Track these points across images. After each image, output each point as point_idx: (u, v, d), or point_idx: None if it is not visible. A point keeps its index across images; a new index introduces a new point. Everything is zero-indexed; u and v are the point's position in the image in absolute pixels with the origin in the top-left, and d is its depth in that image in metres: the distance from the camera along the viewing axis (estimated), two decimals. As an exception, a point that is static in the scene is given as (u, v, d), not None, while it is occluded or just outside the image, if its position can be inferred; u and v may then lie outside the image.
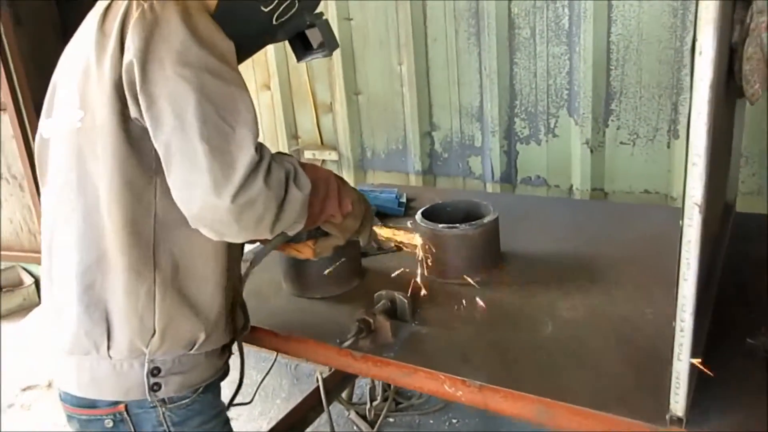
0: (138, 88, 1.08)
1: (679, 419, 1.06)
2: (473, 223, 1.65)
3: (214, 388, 1.34)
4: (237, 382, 1.51)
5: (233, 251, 1.31)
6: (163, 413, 1.25)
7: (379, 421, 2.68)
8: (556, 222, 2.03)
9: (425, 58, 2.52)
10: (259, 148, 1.11)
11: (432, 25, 2.47)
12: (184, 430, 1.28)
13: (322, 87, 2.80)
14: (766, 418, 1.08)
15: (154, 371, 1.22)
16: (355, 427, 2.74)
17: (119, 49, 1.10)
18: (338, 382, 2.53)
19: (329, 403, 2.38)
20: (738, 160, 1.78)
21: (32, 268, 4.55)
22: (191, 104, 1.07)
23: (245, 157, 1.07)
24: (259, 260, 1.42)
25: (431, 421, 2.76)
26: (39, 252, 1.38)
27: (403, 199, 2.22)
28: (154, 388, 1.22)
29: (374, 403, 2.75)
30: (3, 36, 3.95)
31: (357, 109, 2.75)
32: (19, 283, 4.49)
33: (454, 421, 2.75)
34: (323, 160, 2.88)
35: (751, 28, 1.31)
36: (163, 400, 1.24)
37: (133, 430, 1.26)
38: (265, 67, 2.87)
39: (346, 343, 1.39)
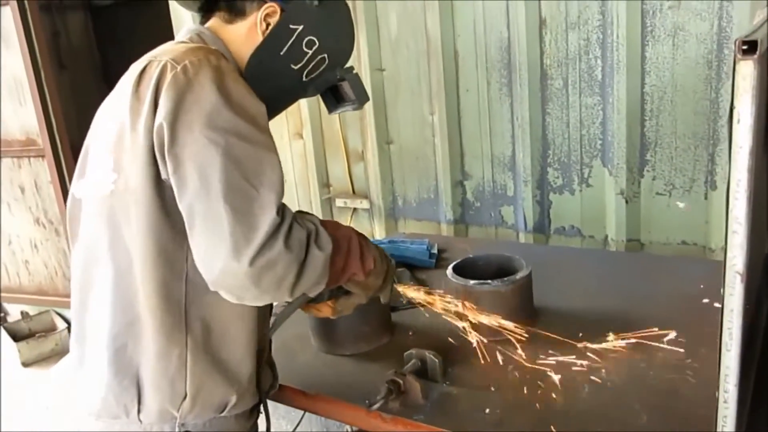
0: (166, 149, 1.10)
1: (725, 493, 1.01)
2: (505, 279, 1.62)
3: None
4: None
5: (262, 311, 1.30)
6: None
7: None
8: (591, 275, 1.99)
9: (457, 108, 2.54)
10: (282, 209, 1.12)
11: (464, 76, 2.49)
12: None
13: (354, 136, 2.83)
14: None
15: None
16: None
17: (152, 112, 1.12)
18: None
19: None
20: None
21: (66, 312, 4.55)
22: (217, 167, 1.08)
23: (267, 219, 1.08)
24: (280, 323, 1.41)
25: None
26: None
27: (435, 250, 2.20)
28: None
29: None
30: (44, 82, 4.04)
31: (388, 158, 2.76)
32: (52, 328, 4.52)
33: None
34: (354, 209, 2.90)
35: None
36: None
37: None
38: (298, 116, 2.91)
39: (375, 406, 1.36)
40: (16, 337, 4.37)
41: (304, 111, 2.88)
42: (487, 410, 1.34)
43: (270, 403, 1.45)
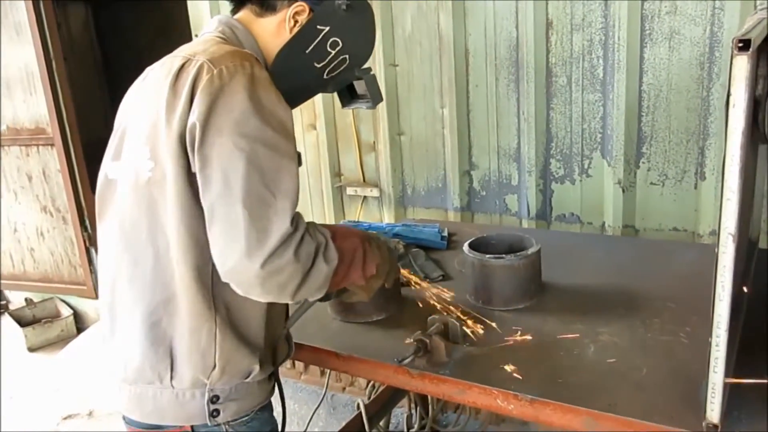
0: (196, 148, 1.18)
1: (715, 426, 1.17)
2: (519, 254, 1.77)
3: (268, 407, 1.45)
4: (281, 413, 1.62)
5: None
6: (226, 430, 1.34)
7: (414, 448, 2.78)
8: (591, 256, 2.14)
9: (466, 103, 2.66)
10: (296, 219, 1.20)
11: (474, 73, 2.61)
12: None
13: (366, 128, 2.94)
14: None
15: (214, 399, 1.31)
16: (392, 455, 2.84)
17: (187, 110, 1.20)
18: (376, 411, 2.62)
19: (371, 428, 2.49)
20: (761, 201, 1.91)
21: (71, 300, 4.61)
22: (240, 172, 1.15)
23: (281, 227, 1.16)
24: (294, 321, 1.51)
25: (466, 452, 2.85)
26: (80, 284, 1.51)
27: (445, 234, 2.36)
28: (214, 414, 1.31)
29: (411, 431, 2.85)
30: (55, 72, 4.13)
31: (399, 149, 2.87)
32: (57, 315, 4.57)
33: (488, 451, 2.83)
34: (365, 197, 3.02)
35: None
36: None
37: None
38: (312, 108, 3.01)
39: (405, 361, 1.48)
40: (21, 323, 4.43)
41: (318, 104, 2.97)
42: (505, 366, 1.47)
43: (292, 386, 1.55)
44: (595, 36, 2.33)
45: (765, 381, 1.26)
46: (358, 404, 2.51)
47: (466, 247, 1.86)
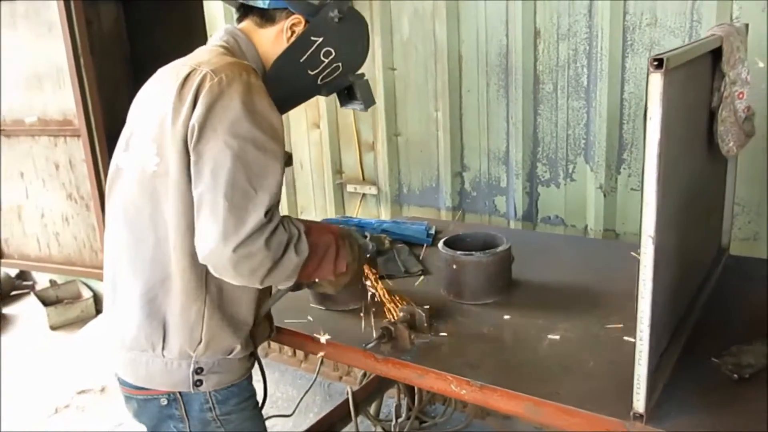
0: (192, 145, 1.31)
1: (641, 415, 1.26)
2: (487, 251, 1.88)
3: (247, 378, 1.59)
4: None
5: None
6: (210, 394, 1.49)
7: (401, 436, 2.90)
8: (569, 257, 2.22)
9: (459, 106, 2.74)
10: (271, 211, 1.31)
11: (466, 78, 2.70)
12: (225, 407, 1.51)
13: (365, 128, 3.05)
14: (718, 419, 1.27)
15: (198, 370, 1.45)
16: (380, 442, 2.96)
17: (190, 114, 1.32)
18: (365, 398, 2.75)
19: (357, 414, 2.61)
20: (731, 209, 1.98)
21: (92, 282, 4.83)
22: (226, 167, 1.28)
23: (255, 217, 1.27)
24: (273, 303, 1.61)
25: (451, 441, 2.96)
26: (100, 268, 1.63)
27: (432, 231, 2.46)
28: (197, 383, 1.46)
29: (399, 420, 2.97)
30: (83, 68, 4.27)
31: (396, 149, 2.98)
32: (78, 296, 4.81)
33: (473, 441, 2.94)
34: (363, 194, 3.13)
35: (725, 95, 1.55)
36: None
37: (183, 408, 1.49)
38: (316, 109, 3.13)
39: (369, 345, 1.61)
40: (45, 303, 4.65)
41: (322, 103, 3.09)
42: (464, 356, 1.59)
43: (279, 371, 1.65)
44: (580, 45, 2.41)
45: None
46: (348, 391, 2.64)
47: (440, 244, 1.97)
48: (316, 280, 1.56)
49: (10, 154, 4.69)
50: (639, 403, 1.27)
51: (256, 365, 1.67)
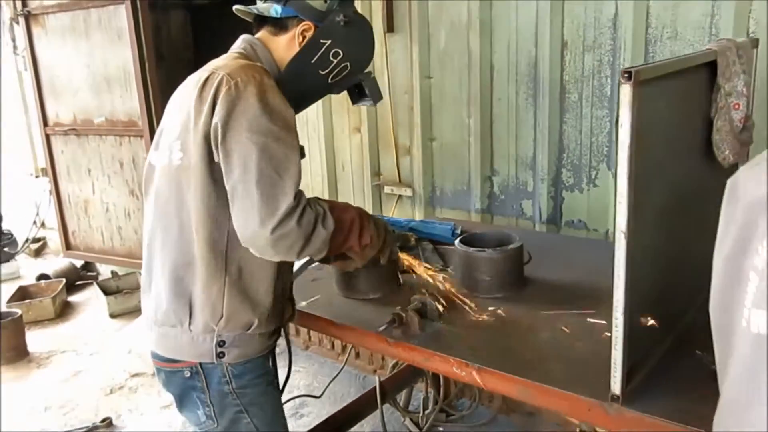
0: (219, 143, 1.46)
1: (617, 397, 1.37)
2: (498, 248, 2.00)
3: (266, 357, 1.73)
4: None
5: (283, 263, 1.66)
6: (227, 368, 1.63)
7: (423, 428, 3.02)
8: (586, 259, 2.28)
9: (490, 114, 2.86)
10: (298, 195, 1.47)
11: (497, 87, 2.82)
12: (240, 381, 1.65)
13: (403, 133, 3.19)
14: (691, 405, 1.35)
15: (221, 343, 1.60)
16: (407, 432, 3.10)
17: (210, 113, 1.48)
18: (393, 387, 2.90)
19: (383, 401, 2.76)
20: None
21: (151, 275, 5.12)
22: (254, 161, 1.43)
23: (286, 201, 1.44)
24: (299, 273, 1.80)
25: (476, 435, 3.07)
26: None
27: (458, 231, 2.58)
28: (220, 355, 1.61)
29: (426, 412, 3.10)
30: (147, 73, 4.48)
31: (431, 154, 3.11)
32: (137, 287, 4.99)
33: (497, 436, 3.04)
34: (399, 195, 3.27)
35: (720, 106, 1.64)
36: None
37: (204, 379, 1.64)
38: (358, 115, 3.30)
39: (381, 329, 1.75)
40: (106, 292, 4.92)
41: (363, 111, 3.26)
42: (467, 343, 1.71)
43: (318, 362, 1.79)
44: (604, 57, 2.50)
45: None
46: (376, 379, 2.80)
47: (457, 241, 2.10)
48: (346, 252, 1.72)
49: (80, 152, 4.98)
50: (615, 385, 1.38)
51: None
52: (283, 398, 1.89)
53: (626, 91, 1.21)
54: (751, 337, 0.81)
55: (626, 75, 1.21)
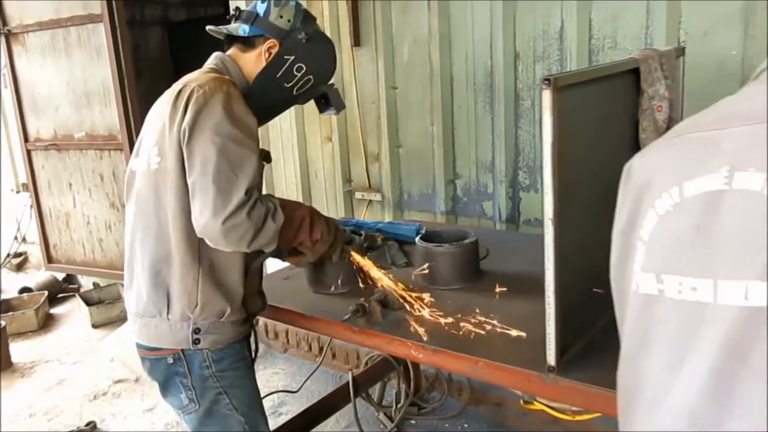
0: (184, 144, 1.60)
1: (552, 367, 1.53)
2: (455, 243, 2.17)
3: (241, 343, 1.86)
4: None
5: (250, 256, 1.78)
6: (206, 354, 1.76)
7: (395, 421, 3.16)
8: (540, 254, 2.45)
9: (451, 121, 3.02)
10: (250, 191, 1.59)
11: (457, 95, 2.98)
12: (220, 365, 1.78)
13: (372, 141, 3.33)
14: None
15: (196, 330, 1.72)
16: (381, 426, 3.24)
17: (182, 119, 1.61)
18: (366, 381, 3.05)
19: (356, 394, 2.91)
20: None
21: (132, 286, 5.19)
22: (213, 160, 1.57)
23: (238, 196, 1.56)
24: (261, 261, 1.91)
25: (447, 425, 3.20)
26: None
27: (423, 231, 2.74)
28: (196, 342, 1.73)
29: (398, 406, 3.25)
30: (126, 88, 4.59)
31: (398, 160, 3.25)
32: (118, 298, 5.09)
33: (466, 425, 3.18)
34: (370, 200, 3.42)
35: (644, 108, 1.82)
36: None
37: (186, 365, 1.76)
38: (329, 125, 3.44)
39: (345, 318, 1.88)
40: (88, 303, 4.98)
41: (333, 121, 3.42)
42: (425, 328, 1.85)
43: (296, 364, 1.88)
44: (553, 66, 2.68)
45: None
46: (350, 375, 2.95)
47: (418, 238, 2.26)
48: (298, 247, 1.86)
49: (61, 166, 5.06)
50: (550, 357, 1.53)
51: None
52: (261, 394, 2.01)
53: (547, 96, 1.39)
54: (640, 298, 0.94)
55: (546, 82, 1.38)
